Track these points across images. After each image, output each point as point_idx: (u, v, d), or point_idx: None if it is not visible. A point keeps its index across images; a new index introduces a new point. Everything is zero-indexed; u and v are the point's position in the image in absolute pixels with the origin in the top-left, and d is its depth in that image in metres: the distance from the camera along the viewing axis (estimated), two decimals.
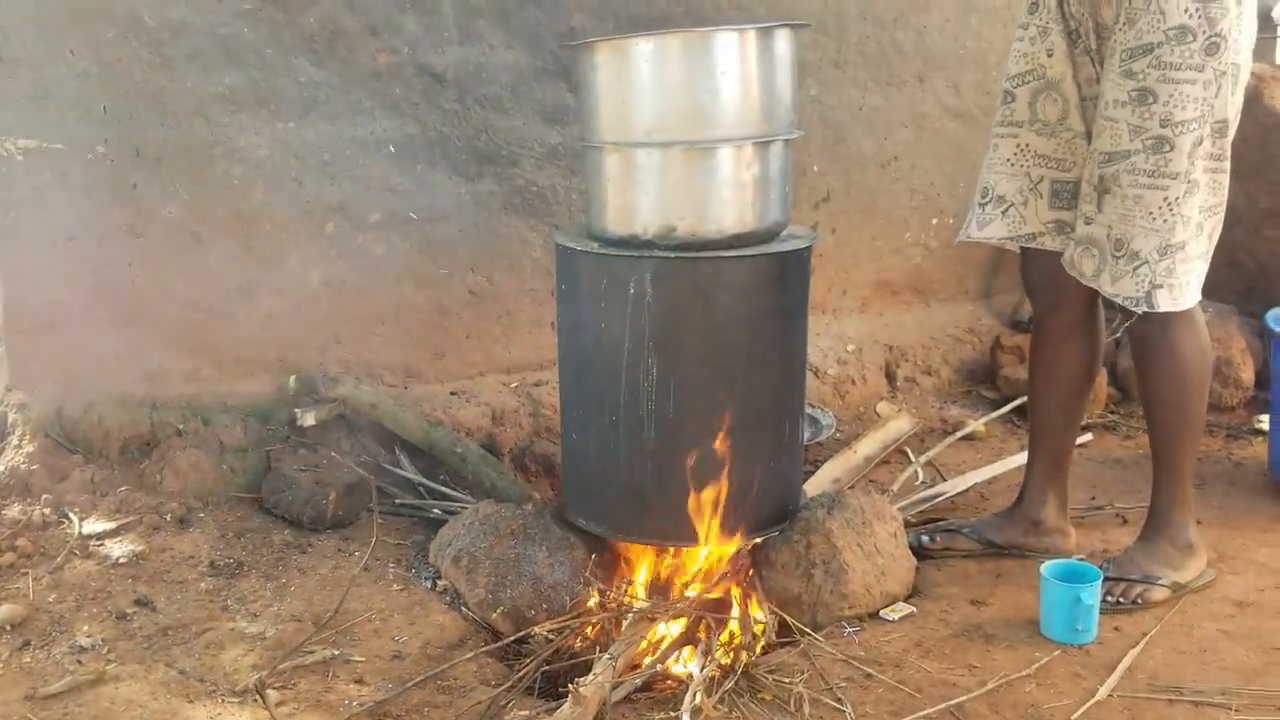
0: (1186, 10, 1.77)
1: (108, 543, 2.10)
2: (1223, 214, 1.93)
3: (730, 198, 1.99)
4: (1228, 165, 1.88)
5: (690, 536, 2.01)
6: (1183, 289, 1.89)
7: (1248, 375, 2.90)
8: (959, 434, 2.77)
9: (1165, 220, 1.85)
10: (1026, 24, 2.02)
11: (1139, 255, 1.87)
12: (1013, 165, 2.07)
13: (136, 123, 2.41)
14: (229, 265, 2.54)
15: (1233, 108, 1.85)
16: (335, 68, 2.55)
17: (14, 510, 2.15)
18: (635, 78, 1.95)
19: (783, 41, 1.99)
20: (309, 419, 2.47)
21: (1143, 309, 1.89)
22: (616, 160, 2.00)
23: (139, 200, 2.44)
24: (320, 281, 2.63)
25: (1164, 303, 1.88)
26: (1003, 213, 2.08)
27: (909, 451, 2.72)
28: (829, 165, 3.13)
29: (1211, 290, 3.06)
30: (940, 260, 3.37)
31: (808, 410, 2.81)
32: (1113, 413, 2.98)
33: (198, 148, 2.46)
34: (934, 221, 3.34)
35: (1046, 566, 1.91)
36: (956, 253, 3.35)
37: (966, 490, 2.44)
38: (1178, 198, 1.84)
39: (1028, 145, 2.05)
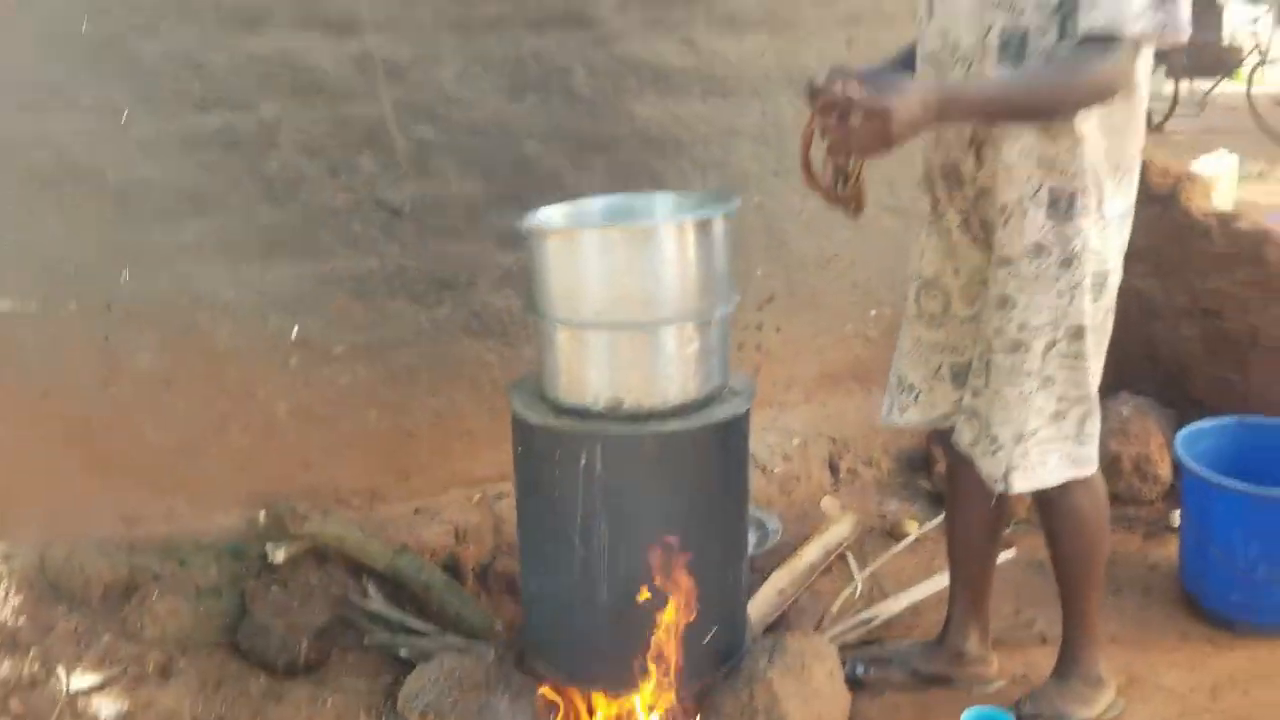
0: (1041, 228, 1.91)
1: (95, 700, 2.22)
2: (1092, 403, 2.06)
3: (674, 372, 2.13)
4: (1088, 363, 2.00)
5: (641, 684, 2.16)
6: (1035, 470, 2.04)
7: (1165, 470, 3.09)
8: (898, 547, 2.94)
9: (1019, 413, 2.01)
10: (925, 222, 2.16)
11: (997, 440, 2.04)
12: (913, 355, 2.25)
13: (105, 278, 2.50)
14: (199, 405, 2.64)
15: (1091, 314, 1.97)
16: (296, 209, 2.65)
17: (4, 668, 2.26)
18: (584, 264, 2.09)
19: (719, 226, 2.13)
20: (279, 555, 2.60)
21: (1000, 489, 2.06)
22: (567, 337, 2.14)
23: (110, 351, 2.54)
24: (287, 413, 2.75)
25: (1019, 484, 2.04)
26: (915, 399, 2.26)
27: (850, 558, 2.88)
28: (772, 267, 3.28)
29: (1132, 382, 3.30)
30: (879, 349, 3.52)
31: (755, 514, 2.98)
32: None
33: (165, 296, 2.56)
34: (873, 313, 3.50)
35: (966, 715, 2.09)
36: (894, 340, 3.50)
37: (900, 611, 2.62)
38: (1032, 392, 2.00)
39: (920, 337, 2.22)
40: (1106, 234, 1.95)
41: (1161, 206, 3.19)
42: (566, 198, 2.88)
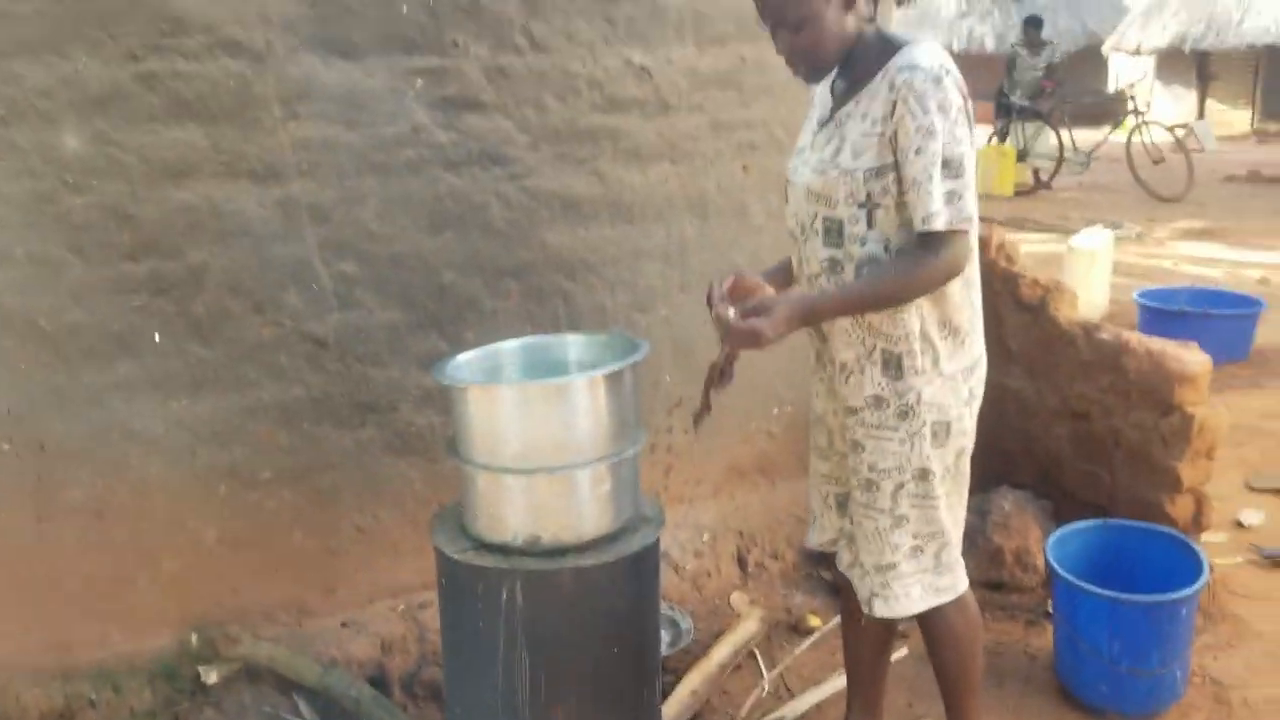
0: (878, 384, 2.15)
1: None
2: (947, 537, 2.24)
3: (588, 510, 2.31)
4: (938, 502, 2.20)
5: None
6: (899, 599, 2.24)
7: (1042, 560, 3.32)
8: (803, 645, 3.13)
9: (876, 545, 2.23)
10: None
11: (863, 566, 2.28)
12: (812, 483, 2.48)
13: (38, 420, 2.60)
14: (131, 535, 2.74)
15: (938, 458, 2.17)
16: (223, 346, 2.78)
17: None
18: (502, 416, 2.27)
19: (627, 375, 2.32)
20: (212, 676, 2.70)
21: (867, 610, 2.28)
22: (488, 479, 2.30)
23: (43, 489, 2.63)
24: (216, 539, 2.85)
25: (880, 610, 2.25)
26: (814, 523, 2.49)
27: (758, 655, 3.08)
28: (679, 375, 3.47)
29: (1012, 475, 3.56)
30: (783, 443, 3.75)
31: (668, 613, 3.17)
32: None
33: (97, 434, 2.67)
34: (775, 410, 3.72)
35: None
36: (797, 434, 3.73)
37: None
38: (886, 528, 2.21)
39: (816, 468, 2.45)
40: (945, 389, 2.15)
41: (1032, 315, 3.47)
42: (483, 321, 3.09)
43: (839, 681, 2.86)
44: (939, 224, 1.98)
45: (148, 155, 2.60)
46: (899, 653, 2.96)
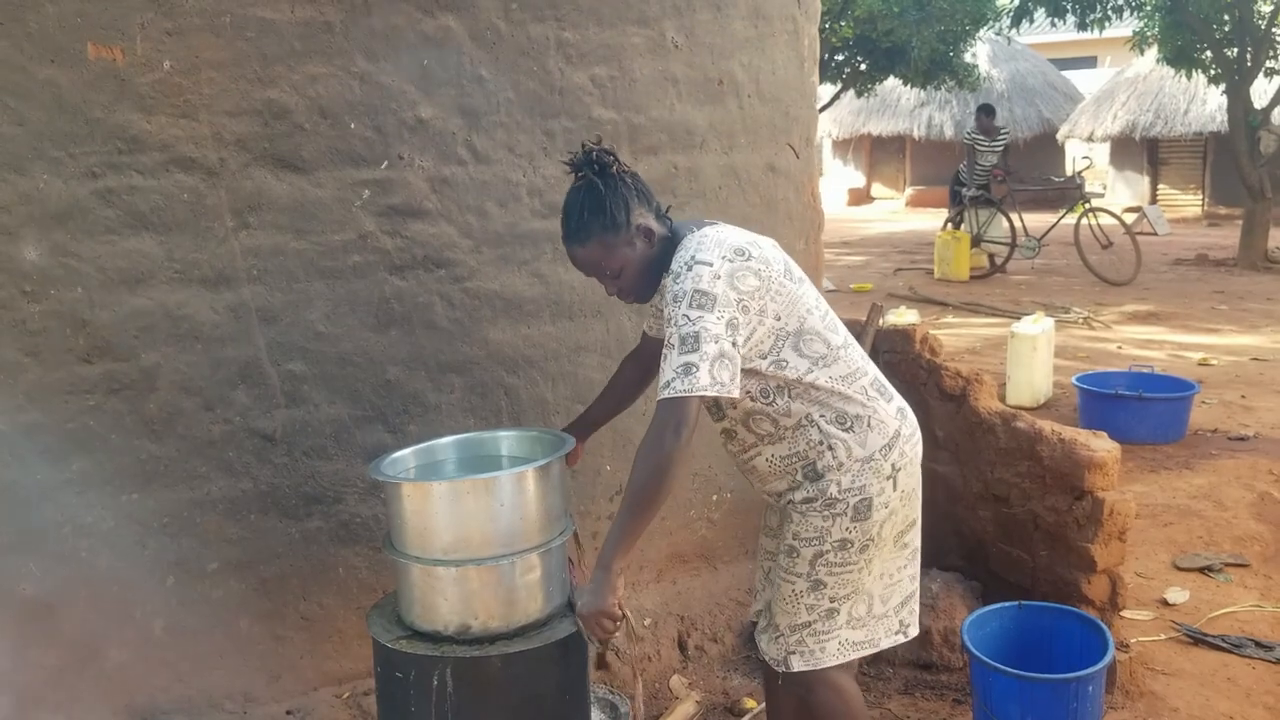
0: (807, 489, 2.38)
1: None
2: (868, 594, 2.44)
3: (518, 597, 2.44)
4: (854, 567, 2.38)
5: None
6: (813, 654, 2.43)
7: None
8: None
9: (793, 606, 2.42)
10: None
11: (779, 628, 2.45)
12: (758, 560, 2.66)
13: None
14: (80, 628, 2.82)
15: (859, 531, 2.36)
16: (173, 442, 2.90)
17: None
18: (433, 510, 2.40)
19: (555, 468, 2.46)
20: None
21: (782, 669, 2.45)
22: (419, 571, 2.43)
23: None
24: (163, 629, 2.94)
25: (797, 665, 2.44)
26: (754, 598, 2.68)
27: None
28: (619, 464, 3.61)
29: (939, 557, 3.70)
30: (722, 529, 3.89)
31: (608, 697, 3.26)
32: (863, 673, 3.51)
33: (49, 529, 2.76)
34: (714, 497, 3.86)
35: None
36: (738, 521, 3.88)
37: None
38: (803, 591, 2.40)
39: (762, 546, 2.63)
40: (865, 470, 2.35)
41: (955, 405, 3.65)
42: (427, 414, 3.23)
43: None
44: (667, 394, 2.17)
45: (104, 265, 2.74)
46: None
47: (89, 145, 2.69)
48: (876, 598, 2.48)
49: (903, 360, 3.73)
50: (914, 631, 2.57)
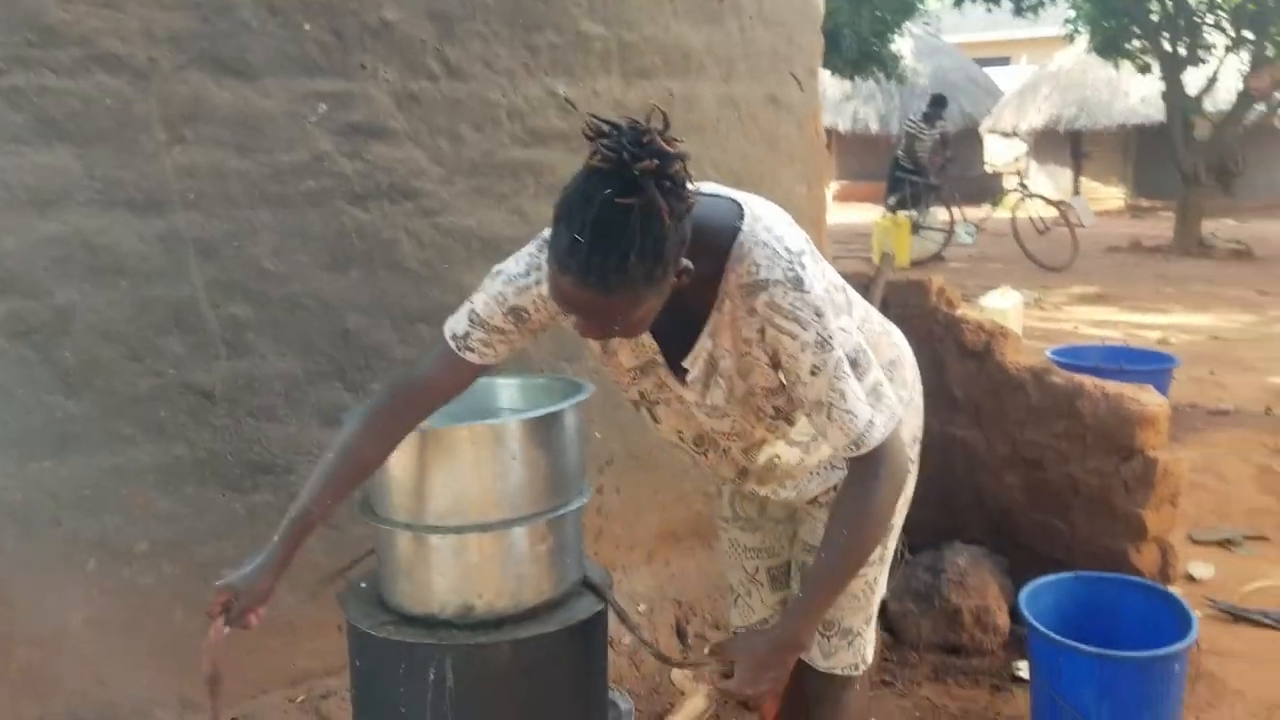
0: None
1: None
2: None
3: (527, 572, 2.01)
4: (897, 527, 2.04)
5: None
6: (870, 641, 2.09)
7: (1003, 619, 3.13)
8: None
9: (866, 600, 2.03)
10: None
11: (851, 630, 2.03)
12: (730, 558, 2.22)
13: None
14: None
15: (909, 482, 2.00)
16: (93, 399, 2.41)
17: None
18: (426, 465, 1.96)
19: (570, 416, 2.04)
20: None
21: (860, 671, 2.07)
22: (409, 540, 1.99)
23: None
24: (82, 622, 2.45)
25: (871, 656, 2.10)
26: (734, 603, 2.25)
27: None
28: (610, 431, 3.21)
29: (962, 530, 3.35)
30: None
31: (610, 696, 2.84)
32: (886, 660, 3.14)
33: None
34: None
35: None
36: None
37: None
38: (875, 578, 2.02)
39: (736, 540, 2.19)
40: (908, 417, 1.94)
41: (978, 362, 3.31)
42: (392, 370, 2.79)
43: None
44: (877, 435, 1.64)
45: (8, 181, 2.25)
46: None
47: None
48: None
49: (917, 314, 3.38)
50: None
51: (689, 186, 1.50)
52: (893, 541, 2.03)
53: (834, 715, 2.11)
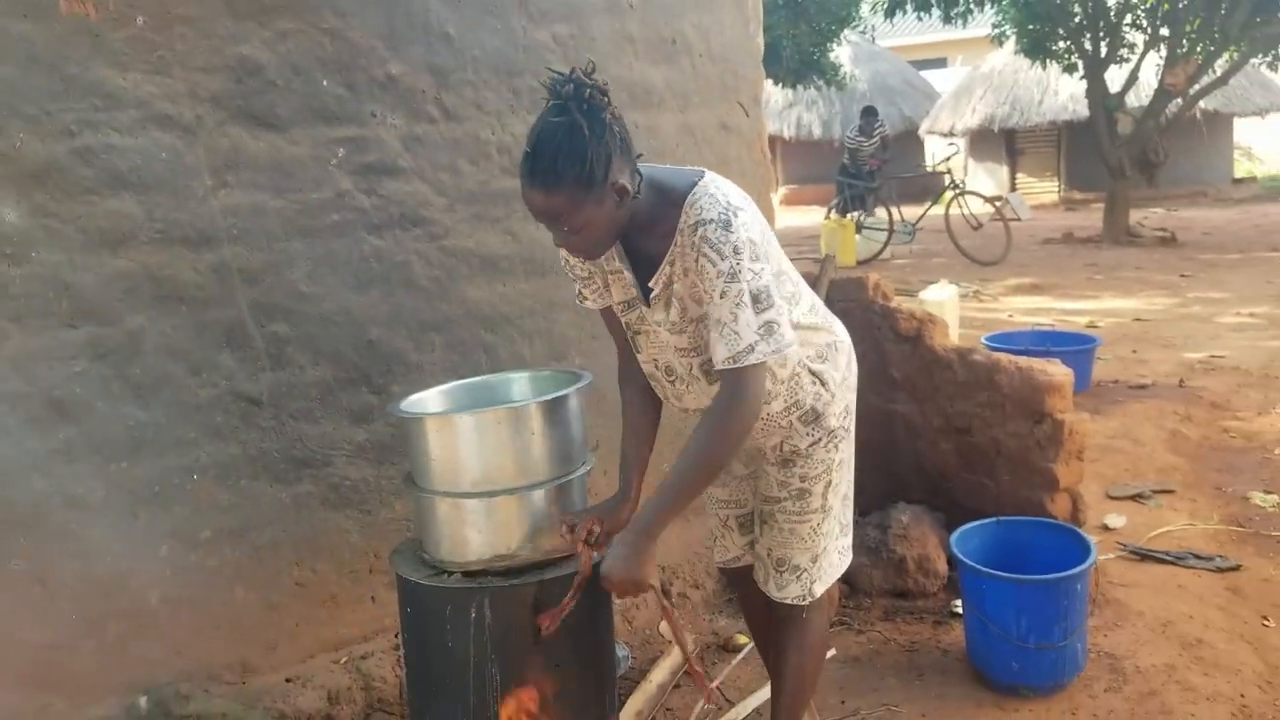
0: (806, 434, 2.37)
1: None
2: (850, 504, 2.55)
3: (546, 526, 2.46)
4: (849, 479, 2.50)
5: None
6: (826, 574, 2.50)
7: (942, 566, 3.62)
8: (735, 660, 3.31)
9: (813, 540, 2.46)
10: None
11: (799, 567, 2.47)
12: (709, 509, 2.69)
13: None
14: (74, 602, 2.72)
15: (848, 445, 2.46)
16: (161, 408, 2.83)
17: None
18: (462, 444, 2.41)
19: (575, 399, 2.50)
20: None
21: (807, 602, 2.48)
22: (448, 506, 2.43)
23: None
24: (159, 600, 2.86)
25: (819, 590, 2.49)
26: (714, 544, 2.71)
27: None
28: (595, 418, 3.61)
29: (904, 491, 3.84)
30: None
31: None
32: (844, 606, 3.63)
33: (39, 501, 2.66)
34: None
35: None
36: None
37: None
38: (819, 523, 2.46)
39: (710, 494, 2.65)
40: (842, 391, 2.41)
41: (911, 346, 3.81)
42: (409, 374, 3.22)
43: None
44: (752, 359, 2.04)
45: (85, 225, 2.66)
46: (829, 653, 3.17)
47: (65, 102, 2.61)
48: (851, 495, 2.57)
49: (857, 306, 3.87)
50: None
51: (605, 113, 2.05)
52: (836, 497, 2.45)
53: (791, 635, 2.56)
